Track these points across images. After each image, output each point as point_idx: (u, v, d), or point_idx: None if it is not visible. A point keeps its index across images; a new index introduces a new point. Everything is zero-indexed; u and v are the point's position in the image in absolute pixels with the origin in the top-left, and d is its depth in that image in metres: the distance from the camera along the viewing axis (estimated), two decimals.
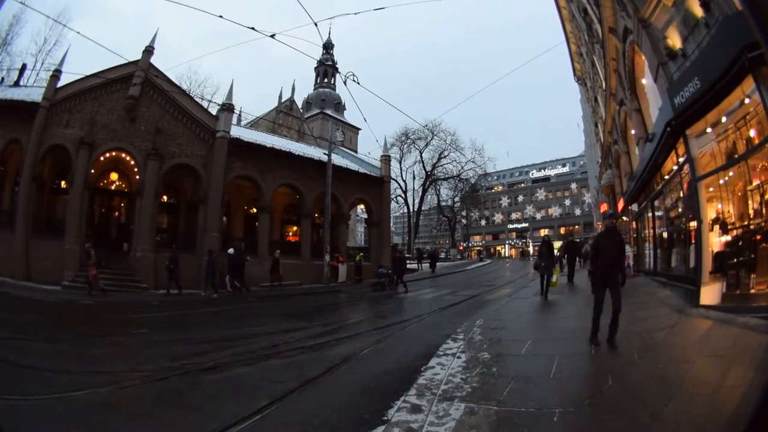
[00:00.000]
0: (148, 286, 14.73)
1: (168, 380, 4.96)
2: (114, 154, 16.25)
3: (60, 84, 16.23)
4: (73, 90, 16.06)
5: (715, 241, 6.80)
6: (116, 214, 18.40)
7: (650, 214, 12.37)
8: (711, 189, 7.12)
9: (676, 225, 9.56)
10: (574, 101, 36.24)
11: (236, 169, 16.38)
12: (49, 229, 16.02)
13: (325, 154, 17.76)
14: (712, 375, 3.77)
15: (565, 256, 14.38)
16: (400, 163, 34.75)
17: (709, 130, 6.86)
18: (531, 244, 40.95)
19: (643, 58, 10.01)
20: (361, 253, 19.36)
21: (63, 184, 17.46)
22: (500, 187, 46.49)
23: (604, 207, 24.02)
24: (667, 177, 9.91)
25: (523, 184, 45.20)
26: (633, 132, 13.65)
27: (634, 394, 3.49)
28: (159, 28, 16.85)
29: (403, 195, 35.99)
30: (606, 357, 4.77)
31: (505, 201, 46.23)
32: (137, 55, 16.47)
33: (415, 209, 36.55)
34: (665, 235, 10.75)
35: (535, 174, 45.27)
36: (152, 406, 4.30)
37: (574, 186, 40.58)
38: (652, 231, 12.25)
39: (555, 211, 42.08)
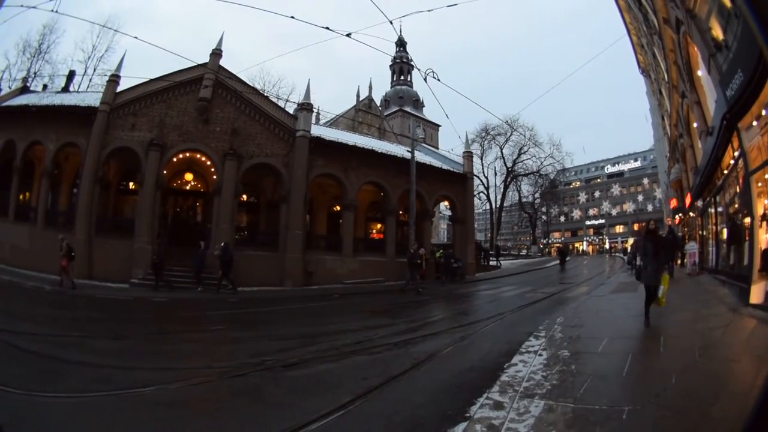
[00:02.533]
0: (227, 284, 15.40)
1: (246, 376, 5.27)
2: (188, 155, 17.26)
3: (119, 89, 17.31)
4: (137, 94, 17.13)
5: (764, 237, 6.90)
6: (192, 213, 19.43)
7: (712, 210, 12.50)
8: (759, 184, 7.17)
9: (733, 221, 9.66)
10: (641, 93, 37.57)
11: (318, 167, 17.37)
12: (116, 228, 17.15)
13: (408, 151, 18.76)
14: (750, 375, 4.10)
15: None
16: (482, 159, 36.31)
17: (755, 123, 6.95)
18: (608, 240, 42.50)
19: (696, 49, 10.24)
20: (441, 250, 20.36)
21: (131, 185, 18.62)
22: (577, 183, 48.18)
23: (673, 203, 25.15)
24: (726, 172, 10.00)
25: (599, 180, 46.89)
26: (695, 125, 13.92)
27: (692, 393, 3.82)
28: (224, 32, 18.05)
29: (485, 191, 37.41)
30: (672, 355, 5.20)
31: (582, 197, 47.86)
32: (196, 60, 17.32)
33: (497, 206, 37.96)
34: (725, 231, 10.73)
35: (610, 169, 47.03)
36: (227, 402, 4.54)
37: (645, 181, 42.25)
38: (714, 227, 12.38)
39: (629, 206, 43.67)
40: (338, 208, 19.59)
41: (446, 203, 22.13)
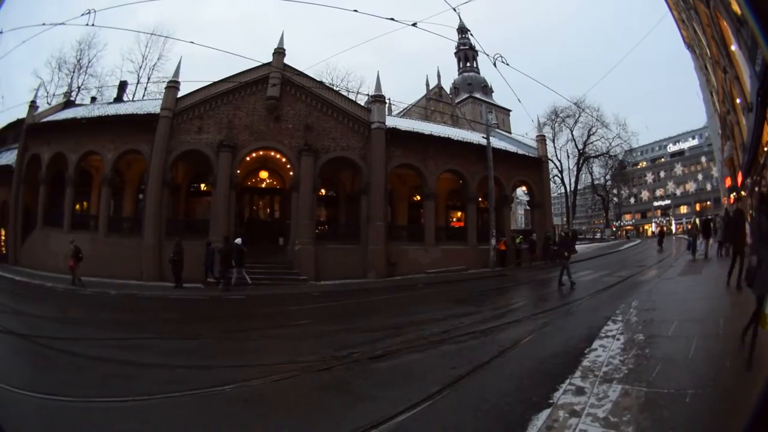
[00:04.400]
0: (308, 278, 16.42)
1: (332, 370, 5.54)
2: (261, 153, 18.21)
3: (180, 94, 18.30)
4: (201, 97, 18.17)
5: None
6: (269, 210, 20.42)
7: (758, 189, 13.87)
8: None
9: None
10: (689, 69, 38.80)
11: (396, 158, 18.29)
12: (188, 230, 18.02)
13: (483, 137, 19.73)
14: None
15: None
16: (554, 142, 36.84)
17: None
18: (674, 221, 43.27)
19: (725, 23, 10.38)
20: (521, 236, 21.20)
21: (202, 186, 19.45)
22: (644, 163, 49.30)
23: (728, 182, 26.13)
24: (766, 149, 11.38)
25: (662, 159, 48.07)
26: (738, 101, 15.61)
27: (741, 376, 4.04)
28: (283, 31, 19.24)
29: (559, 175, 38.19)
30: (729, 337, 5.45)
31: (649, 177, 48.89)
32: (255, 61, 18.26)
33: (571, 189, 39.06)
34: None
35: (672, 148, 48.19)
36: (312, 397, 4.80)
37: (703, 159, 43.42)
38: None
39: (691, 186, 44.65)
40: (418, 197, 20.49)
41: (524, 188, 23.12)
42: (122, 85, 26.03)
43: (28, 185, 20.71)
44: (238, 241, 15.65)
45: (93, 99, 25.59)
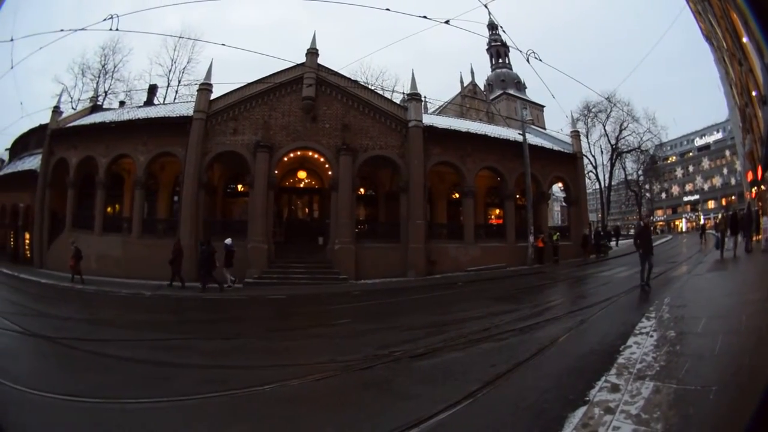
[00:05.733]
0: (348, 277, 16.62)
1: (373, 369, 5.62)
2: (299, 153, 18.51)
3: (213, 96, 18.57)
4: (235, 99, 18.50)
5: None
6: (307, 210, 20.79)
7: None
8: None
9: None
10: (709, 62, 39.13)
11: (435, 156, 18.54)
12: (225, 230, 18.23)
13: (519, 134, 20.00)
14: None
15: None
16: (587, 137, 37.04)
17: None
18: (702, 216, 43.44)
19: (735, 15, 10.71)
20: (558, 233, 21.37)
21: (239, 187, 19.64)
22: (673, 158, 49.57)
23: (749, 175, 26.36)
24: None
25: (690, 153, 48.35)
26: (754, 93, 14.27)
27: (758, 371, 4.12)
28: (315, 31, 19.48)
29: (594, 170, 38.48)
30: (751, 332, 5.67)
31: (678, 172, 49.13)
32: (287, 62, 18.41)
33: (606, 185, 39.23)
34: None
35: (699, 142, 48.42)
36: (353, 396, 4.84)
37: (727, 153, 43.69)
38: None
39: (717, 180, 44.87)
40: (457, 195, 20.83)
41: (560, 185, 23.35)
42: (152, 89, 26.49)
43: (54, 189, 20.84)
44: (228, 241, 15.88)
45: (122, 103, 25.94)
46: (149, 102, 25.14)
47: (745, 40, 11.94)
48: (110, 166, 19.59)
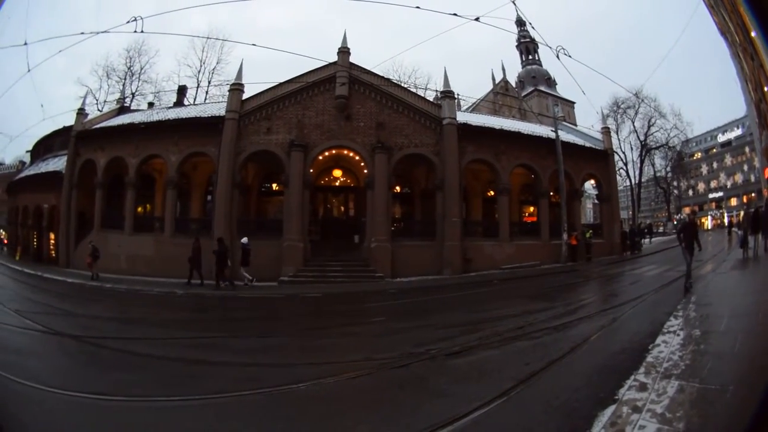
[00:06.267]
0: (384, 275, 16.69)
1: (409, 367, 5.67)
2: (334, 152, 18.66)
3: (244, 96, 18.75)
4: (267, 98, 18.70)
5: None
6: (343, 208, 21.00)
7: None
8: None
9: None
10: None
11: (469, 153, 18.66)
12: (260, 229, 18.50)
13: (551, 131, 20.17)
14: None
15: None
16: (617, 134, 36.53)
17: None
18: (726, 214, 43.42)
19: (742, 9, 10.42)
20: (590, 231, 21.43)
21: (274, 186, 19.76)
22: (699, 154, 49.51)
23: (767, 172, 26.38)
24: None
25: (714, 150, 48.23)
26: (766, 89, 13.74)
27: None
28: (345, 30, 19.67)
29: (624, 167, 38.29)
30: (766, 332, 5.87)
31: (704, 168, 48.98)
32: (316, 62, 18.49)
33: (636, 182, 39.37)
34: None
35: (721, 138, 48.27)
36: (388, 394, 4.87)
37: (747, 149, 43.65)
38: None
39: (739, 177, 44.77)
40: (492, 193, 20.96)
41: (592, 182, 23.49)
42: (181, 90, 26.78)
43: (80, 190, 20.92)
44: (244, 240, 16.03)
45: (150, 104, 26.19)
46: (179, 103, 25.40)
47: (753, 34, 12.17)
48: (140, 167, 19.73)
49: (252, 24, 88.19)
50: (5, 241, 33.52)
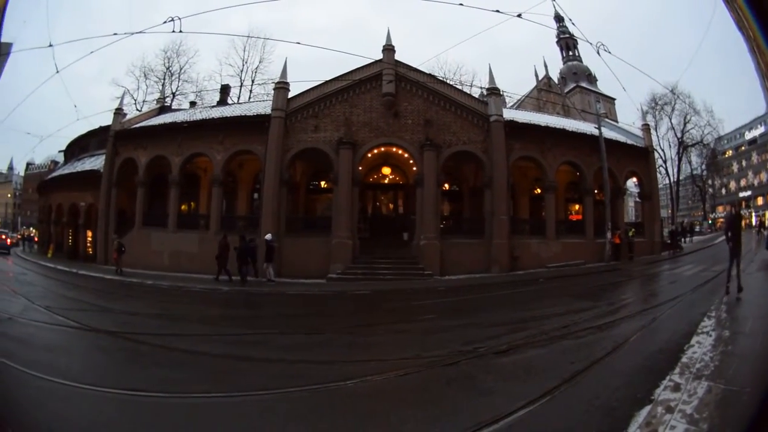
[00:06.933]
0: (433, 273, 16.90)
1: (458, 365, 5.75)
2: (382, 149, 18.93)
3: (290, 94, 19.06)
4: (314, 97, 18.97)
5: None
6: (391, 206, 21.32)
7: None
8: None
9: None
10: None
11: (516, 150, 18.87)
12: (308, 226, 18.96)
13: (594, 128, 20.30)
14: None
15: None
16: (656, 131, 36.79)
17: None
18: (754, 213, 43.50)
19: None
20: (633, 229, 21.72)
21: (322, 183, 20.04)
22: (730, 152, 49.40)
23: None
24: None
25: (743, 147, 48.04)
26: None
27: None
28: (389, 28, 19.92)
29: (663, 165, 38.38)
30: None
31: (735, 166, 48.80)
32: (360, 60, 18.67)
33: (674, 179, 39.31)
34: None
35: (748, 135, 48.08)
36: (436, 392, 4.95)
37: None
38: None
39: (764, 176, 44.74)
40: (538, 190, 21.25)
41: (634, 179, 23.67)
42: (225, 89, 27.09)
43: (120, 188, 21.14)
44: (269, 236, 16.43)
45: (192, 103, 26.53)
46: (223, 102, 25.69)
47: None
48: (184, 165, 19.95)
49: (290, 24, 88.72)
50: (35, 239, 33.74)
